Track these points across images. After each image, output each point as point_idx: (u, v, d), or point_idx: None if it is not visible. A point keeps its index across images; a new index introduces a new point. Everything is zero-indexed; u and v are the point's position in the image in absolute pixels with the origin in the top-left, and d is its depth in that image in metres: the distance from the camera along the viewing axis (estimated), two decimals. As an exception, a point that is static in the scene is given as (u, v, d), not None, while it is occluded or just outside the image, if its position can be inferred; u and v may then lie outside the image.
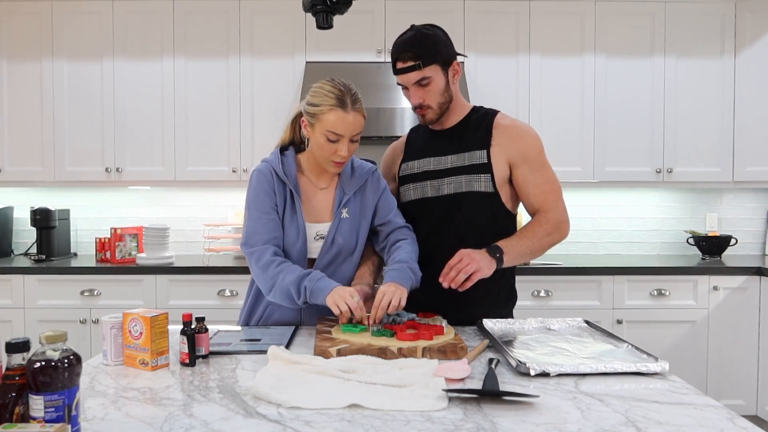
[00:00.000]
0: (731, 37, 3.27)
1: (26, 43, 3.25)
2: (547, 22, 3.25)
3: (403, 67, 1.61)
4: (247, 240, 1.59)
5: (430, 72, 1.61)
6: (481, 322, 1.55)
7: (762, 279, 2.96)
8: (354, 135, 1.56)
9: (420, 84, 1.62)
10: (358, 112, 1.55)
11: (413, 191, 1.74)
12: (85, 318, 2.94)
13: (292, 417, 0.95)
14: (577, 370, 1.16)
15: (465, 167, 1.67)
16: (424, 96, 1.64)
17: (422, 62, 1.59)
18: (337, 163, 1.58)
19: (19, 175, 3.27)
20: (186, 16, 3.23)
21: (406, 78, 1.62)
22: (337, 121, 1.53)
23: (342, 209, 1.64)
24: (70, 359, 0.84)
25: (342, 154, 1.55)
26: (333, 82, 1.57)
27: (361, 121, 1.57)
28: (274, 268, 1.53)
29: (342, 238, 1.63)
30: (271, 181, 1.61)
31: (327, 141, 1.54)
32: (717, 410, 0.98)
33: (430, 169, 1.71)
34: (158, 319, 1.24)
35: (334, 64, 3.16)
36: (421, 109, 1.66)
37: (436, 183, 1.70)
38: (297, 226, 1.61)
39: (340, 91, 1.54)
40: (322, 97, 1.55)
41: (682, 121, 3.29)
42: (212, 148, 3.25)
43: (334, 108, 1.52)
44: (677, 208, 3.61)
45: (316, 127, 1.56)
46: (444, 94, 1.66)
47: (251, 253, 1.58)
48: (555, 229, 1.66)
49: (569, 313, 2.80)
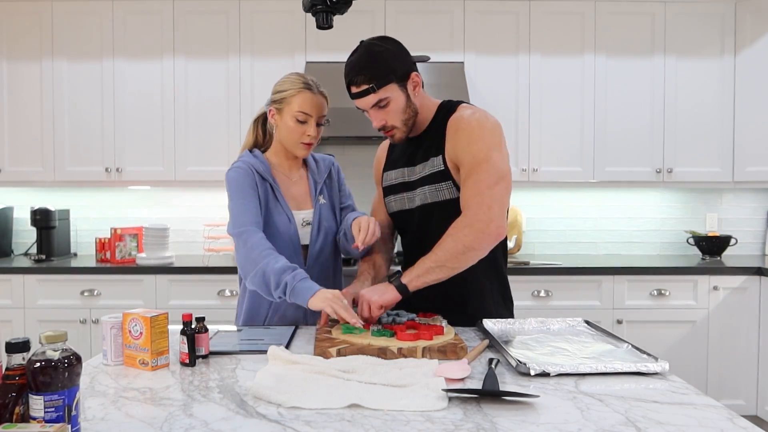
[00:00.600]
0: (731, 37, 3.27)
1: (26, 43, 3.25)
2: (547, 22, 3.25)
3: (358, 91, 1.54)
4: (234, 221, 1.62)
5: (387, 92, 1.52)
6: (481, 322, 1.55)
7: (762, 279, 2.96)
8: (320, 117, 1.67)
9: (378, 106, 1.54)
10: (322, 96, 1.68)
11: (394, 203, 1.73)
12: (85, 318, 2.94)
13: (292, 417, 0.95)
14: (577, 370, 1.16)
15: (427, 177, 1.60)
16: (385, 117, 1.56)
17: (376, 84, 1.51)
18: (307, 144, 1.68)
19: (19, 175, 3.27)
20: (186, 16, 3.23)
21: (362, 102, 1.55)
22: (305, 101, 1.64)
23: (319, 196, 1.76)
24: (70, 359, 0.84)
25: (311, 134, 1.66)
26: (298, 73, 1.71)
27: (325, 105, 1.69)
28: (260, 251, 1.53)
29: (326, 222, 1.74)
30: (251, 177, 1.66)
31: (296, 122, 1.65)
32: (717, 410, 0.98)
33: (404, 180, 1.69)
34: (158, 319, 1.24)
35: (334, 64, 3.15)
36: (386, 131, 1.60)
37: (410, 195, 1.67)
38: (285, 214, 1.68)
39: (302, 77, 1.68)
40: (289, 84, 1.67)
41: (682, 121, 3.29)
42: (212, 148, 3.25)
43: (302, 90, 1.65)
44: (677, 208, 3.61)
45: (285, 112, 1.66)
46: (406, 111, 1.57)
47: (240, 233, 1.58)
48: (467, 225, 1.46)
49: (569, 313, 2.81)
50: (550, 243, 3.59)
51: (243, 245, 1.57)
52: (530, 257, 3.40)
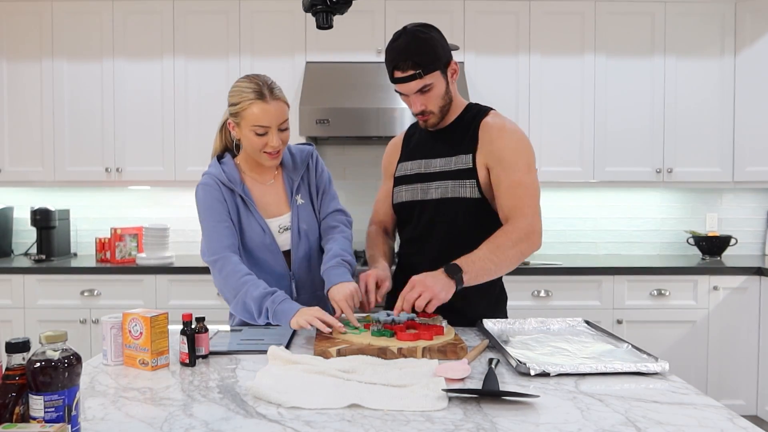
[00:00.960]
0: (731, 37, 3.27)
1: (26, 43, 3.25)
2: (547, 22, 3.25)
3: (403, 76, 1.55)
4: (208, 247, 1.58)
5: (431, 79, 1.55)
6: (481, 322, 1.55)
7: (762, 279, 2.96)
8: (281, 123, 1.57)
9: (421, 92, 1.57)
10: (278, 100, 1.56)
11: (404, 193, 1.72)
12: (85, 318, 2.94)
13: (292, 417, 0.95)
14: (577, 370, 1.16)
15: (451, 172, 1.62)
16: (426, 102, 1.59)
17: (423, 70, 1.53)
18: (271, 155, 1.59)
19: (19, 175, 3.27)
20: (186, 16, 3.23)
21: (406, 87, 1.56)
22: (260, 114, 1.54)
23: (296, 196, 1.69)
24: (70, 359, 0.84)
25: (273, 145, 1.57)
26: (248, 77, 1.58)
27: (283, 108, 1.58)
28: (237, 279, 1.52)
29: (305, 224, 1.68)
30: (218, 192, 1.62)
31: (255, 135, 1.56)
32: (717, 410, 0.98)
33: (421, 171, 1.68)
34: (158, 319, 1.24)
35: (334, 64, 3.16)
36: (423, 116, 1.62)
37: (425, 186, 1.66)
38: (258, 224, 1.63)
39: (256, 84, 1.55)
40: (239, 94, 1.56)
41: (682, 121, 3.29)
42: (212, 148, 3.24)
43: (254, 101, 1.53)
44: (677, 208, 3.61)
45: (242, 125, 1.57)
46: (445, 97, 1.61)
47: (214, 261, 1.56)
48: (523, 238, 1.52)
49: (569, 313, 2.80)
50: (550, 243, 3.58)
51: (218, 273, 1.56)
52: (530, 257, 3.39)
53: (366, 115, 3.02)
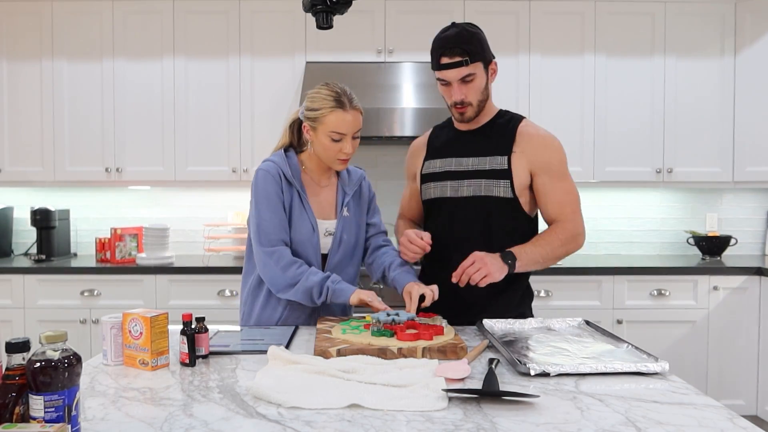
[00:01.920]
0: (731, 37, 3.27)
1: (26, 43, 3.25)
2: (547, 22, 3.25)
3: (450, 62, 1.61)
4: (265, 238, 1.64)
5: (475, 69, 1.62)
6: (481, 322, 1.55)
7: (762, 279, 2.96)
8: (355, 132, 1.66)
9: (464, 80, 1.63)
10: (356, 110, 1.65)
11: (433, 190, 1.76)
12: (85, 318, 2.94)
13: (292, 417, 0.95)
14: (577, 370, 1.16)
15: (485, 171, 1.68)
16: (466, 92, 1.65)
17: (470, 58, 1.61)
18: (343, 161, 1.69)
19: (19, 175, 3.27)
20: (186, 16, 3.23)
21: (451, 74, 1.62)
22: (339, 122, 1.62)
23: (344, 208, 1.75)
24: (70, 359, 0.84)
25: (347, 152, 1.65)
26: (328, 86, 1.66)
27: (360, 118, 1.67)
28: (296, 269, 1.61)
29: (347, 235, 1.74)
30: (278, 180, 1.67)
31: (331, 141, 1.64)
32: (717, 410, 0.98)
33: (451, 169, 1.73)
34: (158, 319, 1.24)
35: (334, 64, 3.16)
36: (462, 106, 1.67)
37: (456, 184, 1.71)
38: (309, 223, 1.68)
39: (336, 93, 1.63)
40: (321, 101, 1.63)
41: (682, 121, 3.29)
42: (212, 148, 3.25)
43: (335, 109, 1.61)
44: (677, 208, 3.61)
45: (319, 130, 1.64)
46: (484, 92, 1.68)
47: (271, 253, 1.63)
48: (571, 239, 1.68)
49: (569, 313, 2.80)
50: (550, 243, 3.58)
51: (275, 264, 1.63)
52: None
53: (366, 115, 2.99)
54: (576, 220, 1.70)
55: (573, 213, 1.70)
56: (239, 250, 3.21)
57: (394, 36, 3.20)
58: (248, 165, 3.23)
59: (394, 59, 3.19)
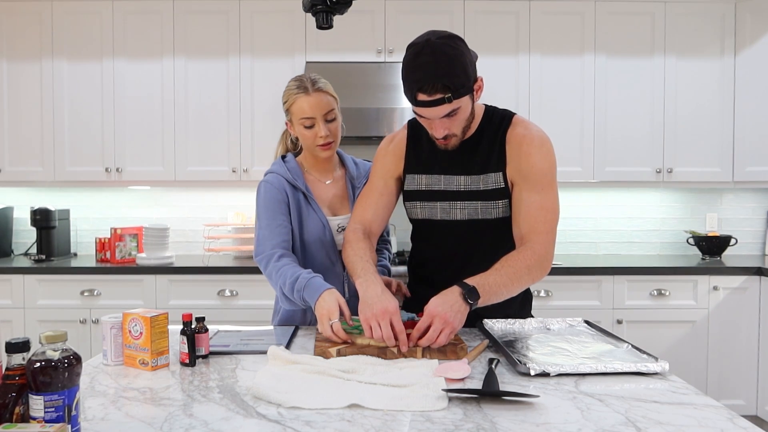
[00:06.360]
0: (731, 37, 3.27)
1: (26, 43, 3.25)
2: (547, 22, 3.25)
3: (429, 100, 1.34)
4: (257, 248, 1.64)
5: (460, 103, 1.38)
6: (481, 322, 1.55)
7: (762, 279, 2.96)
8: (326, 113, 1.64)
9: (448, 116, 1.39)
10: (319, 92, 1.64)
11: (420, 210, 1.61)
12: (85, 318, 2.94)
13: (292, 417, 0.95)
14: (577, 370, 1.16)
15: (480, 192, 1.52)
16: (449, 126, 1.43)
17: (453, 95, 1.34)
18: (323, 146, 1.66)
19: (19, 175, 3.27)
20: (186, 16, 3.23)
21: (431, 112, 1.38)
22: (304, 106, 1.63)
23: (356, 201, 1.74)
24: (70, 359, 0.84)
25: (322, 135, 1.64)
26: (295, 78, 1.69)
27: (326, 99, 1.65)
28: (278, 269, 1.56)
29: None
30: (281, 188, 1.67)
31: (305, 129, 1.65)
32: (717, 410, 0.98)
33: (440, 188, 1.56)
34: (158, 319, 1.24)
35: (334, 64, 3.16)
36: (446, 140, 1.47)
37: (447, 206, 1.56)
38: (319, 221, 1.68)
39: (300, 81, 1.66)
40: (287, 93, 1.67)
41: (682, 121, 3.29)
42: (212, 148, 3.25)
43: (298, 96, 1.63)
44: (677, 208, 3.61)
45: (294, 122, 1.67)
46: (469, 118, 1.47)
47: (260, 260, 1.62)
48: (537, 264, 1.43)
49: (569, 313, 2.81)
50: (550, 243, 3.58)
51: (263, 270, 1.62)
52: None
53: (366, 115, 3.02)
54: (545, 240, 1.46)
55: (544, 233, 1.46)
56: (239, 250, 3.21)
57: (394, 36, 3.20)
58: (248, 165, 3.23)
59: (394, 59, 3.19)
